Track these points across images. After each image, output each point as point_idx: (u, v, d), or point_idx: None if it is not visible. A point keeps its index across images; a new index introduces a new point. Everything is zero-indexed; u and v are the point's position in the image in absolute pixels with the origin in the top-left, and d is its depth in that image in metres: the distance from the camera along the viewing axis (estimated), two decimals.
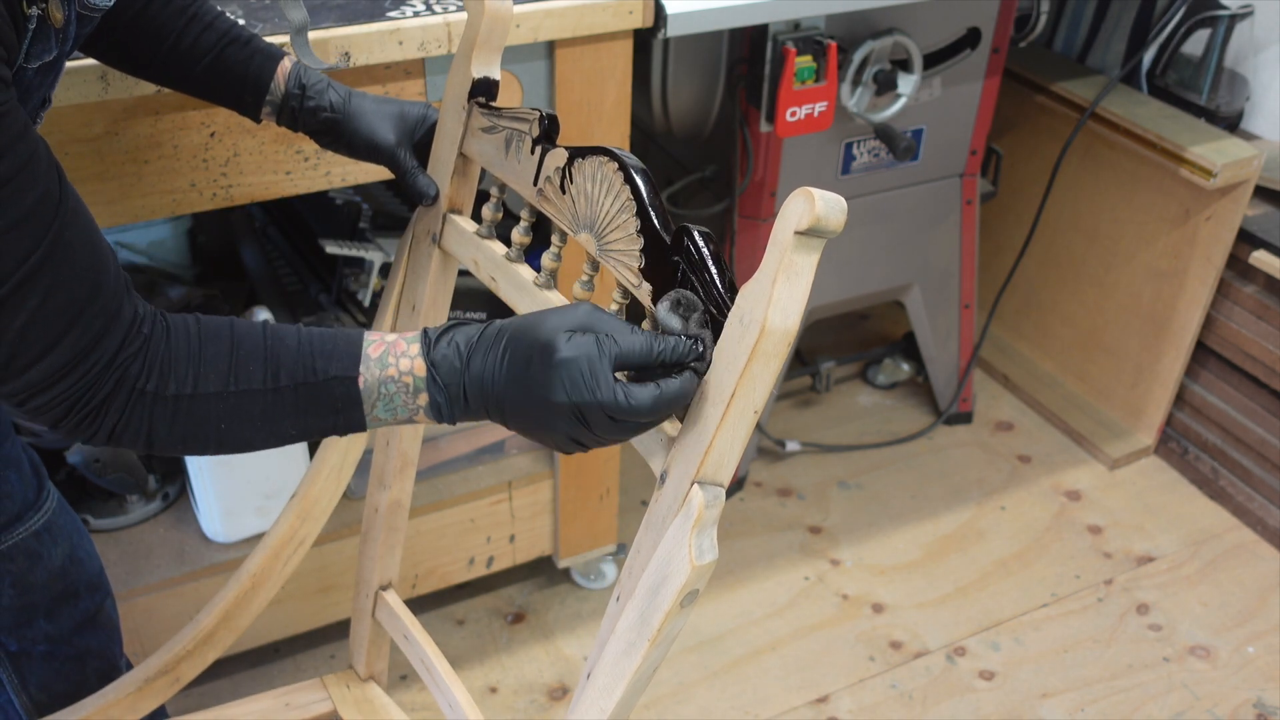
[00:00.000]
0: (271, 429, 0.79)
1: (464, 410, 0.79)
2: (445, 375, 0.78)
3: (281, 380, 0.78)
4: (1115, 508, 2.17)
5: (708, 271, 0.77)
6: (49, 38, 0.80)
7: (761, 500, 2.15)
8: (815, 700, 1.78)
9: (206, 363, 0.77)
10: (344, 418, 0.80)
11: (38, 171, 0.71)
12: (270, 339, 0.79)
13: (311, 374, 0.78)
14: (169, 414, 0.77)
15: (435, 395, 0.79)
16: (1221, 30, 2.04)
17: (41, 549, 1.13)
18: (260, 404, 0.78)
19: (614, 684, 0.78)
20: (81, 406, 0.75)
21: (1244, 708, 1.78)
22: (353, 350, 0.79)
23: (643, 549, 0.79)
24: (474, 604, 1.91)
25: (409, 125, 1.06)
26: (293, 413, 0.79)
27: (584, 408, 0.73)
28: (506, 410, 0.77)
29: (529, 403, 0.75)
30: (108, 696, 1.18)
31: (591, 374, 0.73)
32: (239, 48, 1.04)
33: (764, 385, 0.73)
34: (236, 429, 0.79)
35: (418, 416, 0.80)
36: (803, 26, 1.69)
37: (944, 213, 2.11)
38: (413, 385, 0.79)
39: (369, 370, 0.79)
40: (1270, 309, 1.99)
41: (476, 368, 0.78)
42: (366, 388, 0.79)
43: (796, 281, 0.70)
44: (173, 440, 0.78)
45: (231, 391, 0.77)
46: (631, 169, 0.84)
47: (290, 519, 1.21)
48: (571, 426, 0.75)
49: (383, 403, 0.79)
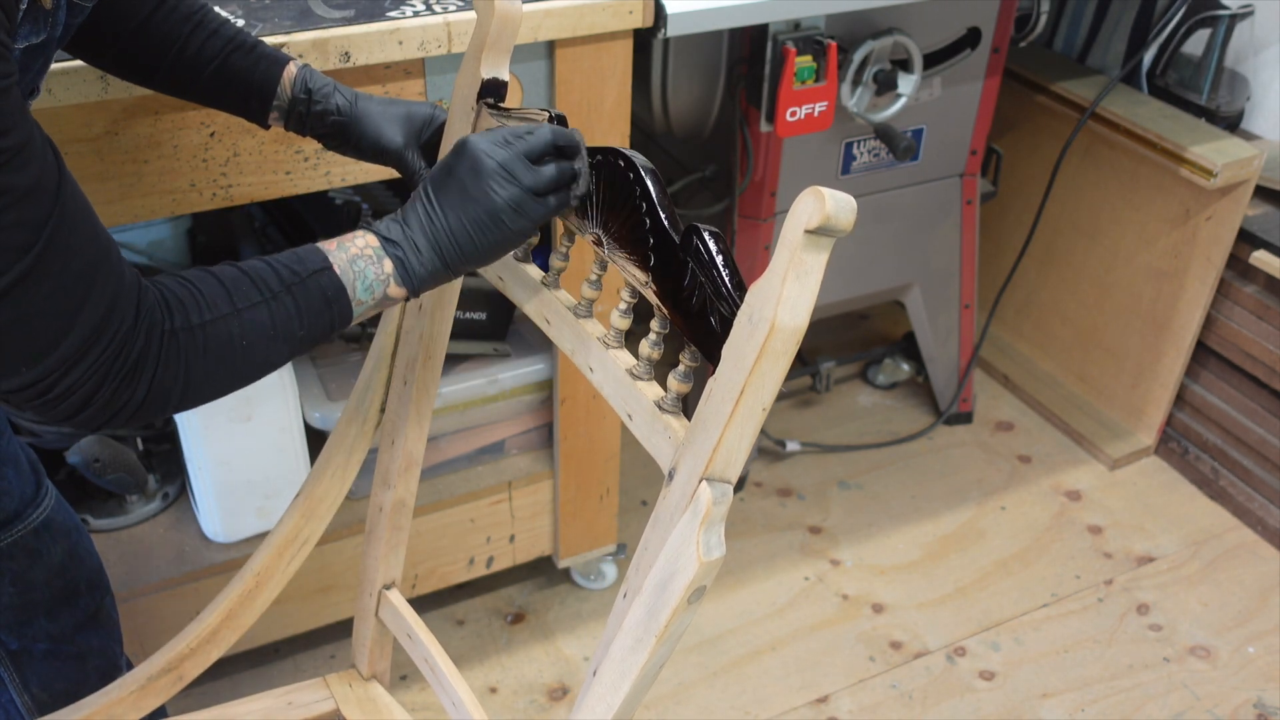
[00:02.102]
0: (285, 335, 0.84)
1: (420, 261, 0.87)
2: (395, 234, 0.87)
3: (275, 288, 0.83)
4: (1115, 508, 2.17)
5: (717, 270, 0.77)
6: (38, 18, 0.81)
7: (761, 500, 2.15)
8: (815, 700, 1.78)
9: (206, 295, 0.81)
10: (336, 307, 0.86)
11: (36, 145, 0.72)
12: (244, 267, 0.84)
13: (295, 276, 0.84)
14: (199, 345, 0.80)
15: (394, 252, 0.87)
16: (1221, 30, 2.04)
17: (41, 546, 1.13)
18: (266, 313, 0.82)
19: (621, 680, 0.78)
20: (117, 371, 0.76)
21: (1244, 708, 1.78)
22: (314, 252, 0.86)
23: (650, 545, 0.80)
24: (474, 604, 1.91)
25: (416, 126, 1.06)
26: (296, 313, 0.84)
27: (507, 162, 0.86)
28: (453, 229, 0.87)
29: (464, 198, 0.86)
30: (110, 695, 1.18)
31: (499, 139, 0.87)
32: (244, 54, 1.04)
33: (773, 383, 0.73)
34: (256, 344, 0.82)
35: (390, 288, 0.87)
36: (803, 26, 1.69)
37: (944, 213, 2.11)
38: (375, 254, 0.87)
39: (336, 258, 0.86)
40: (1270, 309, 1.99)
41: (414, 217, 0.88)
42: (342, 271, 0.85)
43: (806, 280, 0.70)
44: (206, 375, 0.81)
45: (239, 308, 0.81)
46: (641, 168, 0.84)
47: (294, 518, 1.21)
48: (506, 187, 0.86)
49: (360, 282, 0.86)
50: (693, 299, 0.79)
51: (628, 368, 0.86)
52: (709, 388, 0.75)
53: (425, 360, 1.14)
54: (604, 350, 0.88)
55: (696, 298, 0.79)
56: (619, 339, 0.88)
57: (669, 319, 0.83)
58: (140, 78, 1.07)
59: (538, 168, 0.87)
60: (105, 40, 1.02)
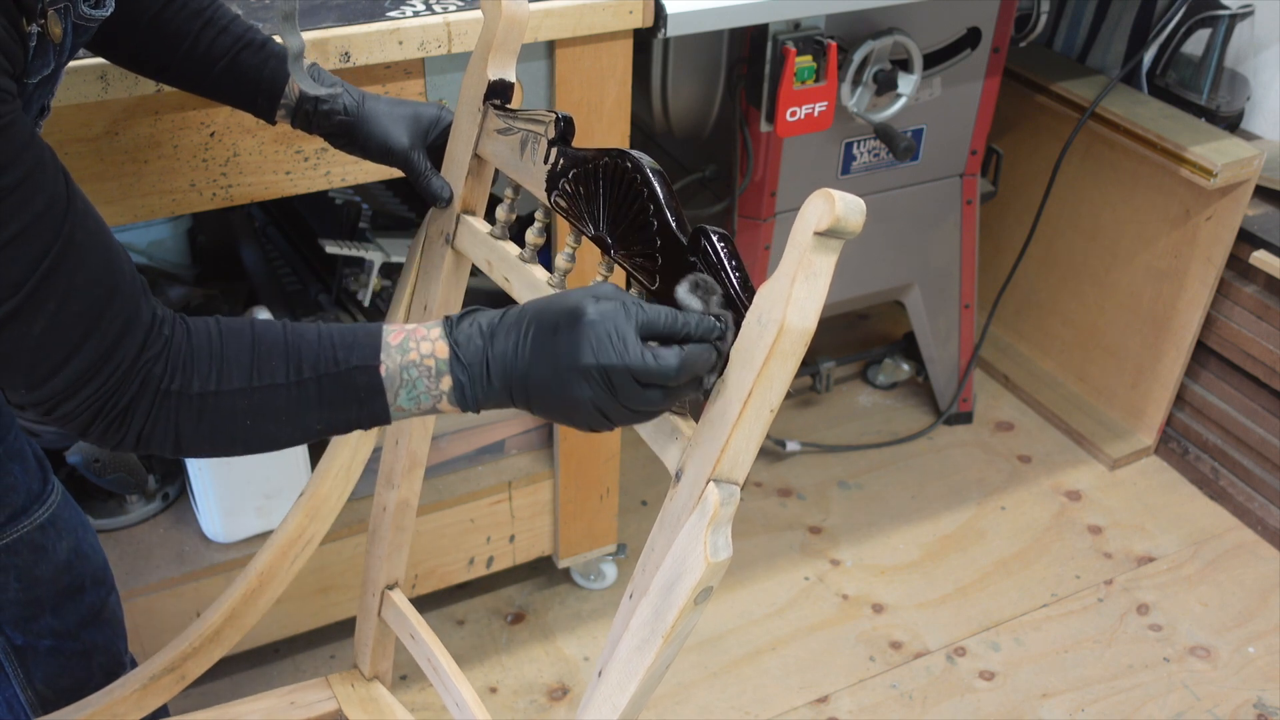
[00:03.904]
0: (297, 423, 0.79)
1: (486, 391, 0.78)
2: (468, 355, 0.78)
3: (305, 373, 0.78)
4: (1115, 508, 2.17)
5: (725, 272, 0.78)
6: (48, 53, 0.81)
7: (761, 500, 2.15)
8: (815, 700, 1.78)
9: (229, 360, 0.77)
10: (368, 409, 0.79)
11: (44, 177, 0.71)
12: (290, 334, 0.79)
13: (333, 365, 0.78)
14: (195, 413, 0.77)
15: (459, 375, 0.78)
16: (1222, 30, 2.04)
17: (46, 542, 1.13)
18: (284, 398, 0.78)
19: (627, 681, 0.78)
20: (108, 412, 0.75)
21: (1244, 708, 1.78)
22: (373, 340, 0.79)
23: (657, 546, 0.80)
24: (474, 604, 1.91)
25: (422, 127, 1.07)
26: (316, 405, 0.78)
27: (611, 370, 0.73)
28: (530, 385, 0.76)
29: (554, 371, 0.75)
30: (113, 693, 1.18)
31: (619, 335, 0.73)
32: (253, 52, 1.05)
33: (781, 384, 0.73)
34: (262, 424, 0.78)
35: (441, 404, 0.79)
36: (803, 26, 1.69)
37: (944, 213, 2.11)
38: (435, 368, 0.78)
39: (390, 358, 0.78)
40: (1270, 309, 1.99)
41: (500, 345, 0.77)
42: (389, 375, 0.78)
43: (815, 281, 0.70)
44: (199, 439, 0.78)
45: (256, 387, 0.77)
46: (649, 170, 0.84)
47: (299, 517, 1.21)
48: (597, 392, 0.74)
49: (405, 390, 0.79)
50: None
51: None
52: (717, 389, 0.76)
53: None
54: None
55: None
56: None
57: None
58: (152, 73, 1.08)
59: (645, 390, 0.74)
60: (117, 37, 1.02)
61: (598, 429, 0.77)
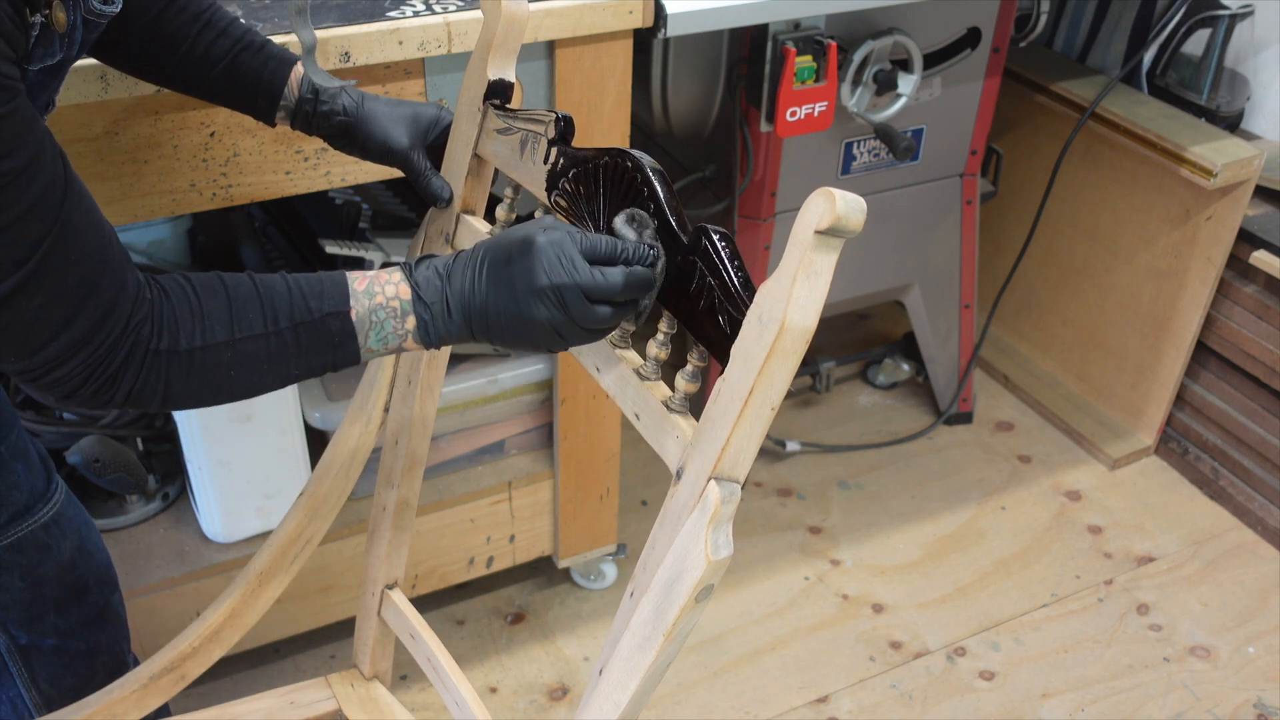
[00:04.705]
0: (277, 371, 0.84)
1: (447, 326, 0.84)
2: (429, 294, 0.84)
3: (281, 323, 0.82)
4: (1115, 508, 2.17)
5: (727, 272, 0.78)
6: (52, 41, 0.82)
7: (761, 500, 2.15)
8: (815, 700, 1.78)
9: (208, 316, 0.81)
10: (341, 352, 0.85)
11: (44, 162, 0.74)
12: (261, 286, 0.83)
13: (307, 313, 0.83)
14: (183, 369, 0.80)
15: (421, 313, 0.84)
16: (1222, 30, 2.04)
17: (50, 541, 1.14)
18: (264, 347, 0.82)
19: (628, 679, 0.79)
20: (99, 374, 0.78)
21: (1244, 708, 1.78)
22: (340, 287, 0.84)
23: (657, 545, 0.80)
24: (474, 604, 1.91)
25: (422, 127, 1.07)
26: (295, 353, 0.83)
27: (564, 289, 0.80)
28: (490, 314, 0.83)
29: (512, 297, 0.82)
30: (113, 693, 1.18)
31: (568, 258, 0.81)
32: (252, 53, 1.05)
33: (781, 382, 0.74)
34: (245, 374, 0.83)
35: (406, 343, 0.85)
36: (803, 26, 1.69)
37: (944, 213, 2.11)
38: (400, 309, 0.84)
39: (358, 303, 0.84)
40: (1270, 309, 1.99)
41: (457, 282, 0.84)
42: (359, 319, 0.84)
43: (816, 280, 0.71)
44: (187, 394, 0.82)
45: (237, 339, 0.81)
46: (649, 169, 0.84)
47: (298, 516, 1.21)
48: (552, 311, 0.81)
49: (374, 331, 0.84)
50: (701, 300, 0.80)
51: (635, 367, 0.86)
52: (717, 387, 0.76)
53: (430, 361, 1.14)
54: (611, 350, 0.88)
55: (705, 299, 0.79)
56: (626, 339, 0.89)
57: (676, 319, 0.83)
58: (151, 75, 1.08)
59: (594, 306, 0.81)
60: (116, 39, 1.02)
61: (554, 349, 0.84)
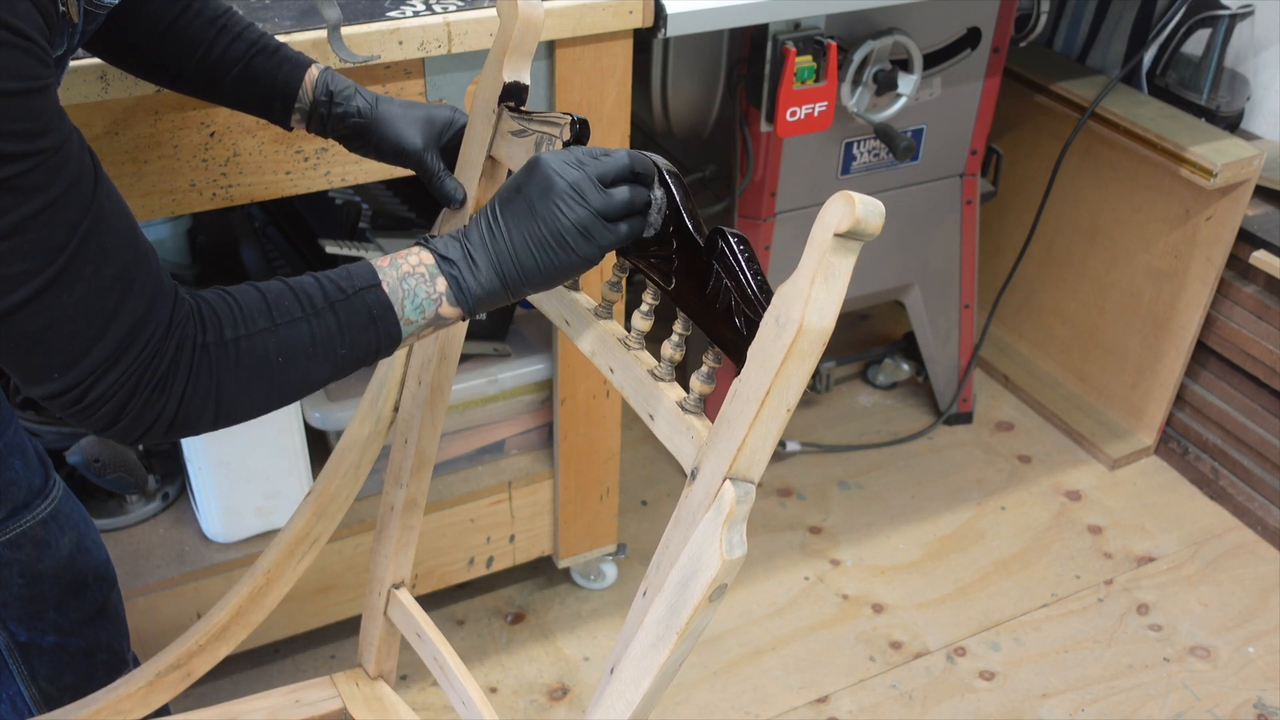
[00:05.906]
0: (326, 353, 0.83)
1: (476, 277, 0.84)
2: (451, 252, 0.85)
3: (318, 304, 0.82)
4: (1115, 508, 2.17)
5: (744, 274, 0.78)
6: (63, 33, 0.82)
7: (761, 500, 2.15)
8: (815, 700, 1.78)
9: (245, 309, 0.80)
10: (382, 326, 0.84)
11: (74, 146, 0.73)
12: (290, 281, 0.83)
13: (340, 293, 0.83)
14: (232, 360, 0.79)
15: (449, 271, 0.84)
16: (1222, 30, 2.04)
17: (49, 537, 1.14)
18: (306, 330, 0.81)
19: (641, 677, 0.79)
20: (148, 380, 0.76)
21: (1244, 708, 1.78)
22: (365, 267, 0.85)
23: (671, 543, 0.81)
24: (474, 604, 1.91)
25: (436, 129, 1.07)
26: (339, 331, 0.82)
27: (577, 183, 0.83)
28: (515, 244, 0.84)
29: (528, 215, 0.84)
30: (118, 690, 1.18)
31: (574, 159, 0.84)
32: (267, 57, 1.05)
33: (798, 383, 0.74)
34: (293, 361, 0.81)
35: (443, 307, 0.85)
36: (803, 26, 1.69)
37: (944, 213, 2.11)
38: (428, 273, 0.85)
39: (386, 275, 0.84)
40: (1270, 309, 1.99)
41: (475, 234, 0.85)
42: (391, 289, 0.84)
43: (833, 283, 0.71)
44: (241, 386, 0.80)
45: (278, 324, 0.80)
46: (665, 171, 0.85)
47: (306, 515, 1.21)
48: (573, 207, 0.83)
49: (409, 301, 0.84)
50: (717, 302, 0.80)
51: (649, 369, 0.87)
52: (734, 388, 0.76)
53: (440, 361, 1.14)
54: (625, 352, 0.88)
55: (721, 300, 0.79)
56: (640, 340, 0.89)
57: (692, 321, 0.84)
58: (167, 80, 1.08)
59: (610, 191, 0.83)
60: (131, 45, 1.03)
61: (588, 254, 0.84)
